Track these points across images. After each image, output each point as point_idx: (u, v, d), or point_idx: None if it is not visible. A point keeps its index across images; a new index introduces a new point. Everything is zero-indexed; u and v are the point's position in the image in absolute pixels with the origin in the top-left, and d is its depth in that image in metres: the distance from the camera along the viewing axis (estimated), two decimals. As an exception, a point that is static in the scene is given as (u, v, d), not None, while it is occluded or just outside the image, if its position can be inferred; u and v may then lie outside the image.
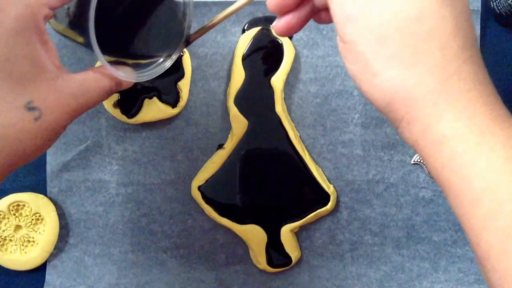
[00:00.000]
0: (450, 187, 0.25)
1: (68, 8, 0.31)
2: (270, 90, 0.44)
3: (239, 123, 0.44)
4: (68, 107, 0.29)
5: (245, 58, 0.44)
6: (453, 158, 0.24)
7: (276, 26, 0.30)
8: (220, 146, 0.45)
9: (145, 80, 0.33)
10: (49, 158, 0.45)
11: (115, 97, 0.43)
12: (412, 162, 0.46)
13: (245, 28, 0.44)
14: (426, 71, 0.24)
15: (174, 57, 0.35)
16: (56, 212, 0.44)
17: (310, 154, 0.45)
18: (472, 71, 0.25)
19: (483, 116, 0.24)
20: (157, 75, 0.34)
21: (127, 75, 0.32)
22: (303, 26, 0.31)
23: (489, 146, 0.24)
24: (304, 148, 0.45)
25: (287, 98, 0.45)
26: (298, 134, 0.45)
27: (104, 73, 0.31)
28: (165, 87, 0.44)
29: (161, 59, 0.35)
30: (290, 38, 0.45)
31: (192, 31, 0.35)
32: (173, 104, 0.44)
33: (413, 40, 0.24)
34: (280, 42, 0.44)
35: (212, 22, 0.34)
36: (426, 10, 0.24)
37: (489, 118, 0.24)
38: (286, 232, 0.44)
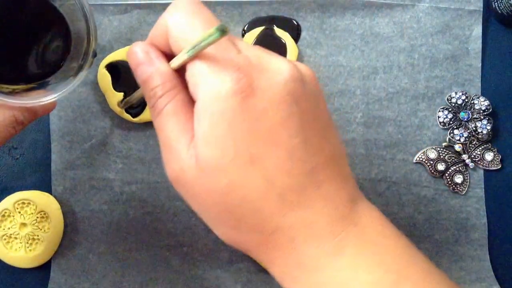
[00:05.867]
0: None
1: None
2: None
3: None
4: None
5: (248, 58, 0.44)
6: None
7: None
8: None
9: (62, 96, 0.31)
10: (54, 157, 0.45)
11: (120, 96, 0.44)
12: (414, 161, 0.46)
13: (245, 29, 0.45)
14: (248, 231, 0.25)
15: (84, 72, 0.32)
16: (61, 210, 0.45)
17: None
18: (293, 221, 0.24)
19: (310, 259, 0.25)
20: (73, 88, 0.31)
21: (31, 100, 0.29)
22: None
23: (319, 286, 0.25)
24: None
25: (290, 98, 0.45)
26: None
27: (1, 107, 0.29)
28: None
29: (73, 71, 0.32)
30: (295, 38, 0.45)
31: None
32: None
33: (227, 208, 0.24)
34: (284, 42, 0.44)
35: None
36: (234, 181, 0.24)
37: (315, 259, 0.25)
38: (289, 230, 0.45)
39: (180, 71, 0.26)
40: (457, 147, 0.46)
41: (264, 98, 0.23)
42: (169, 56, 0.26)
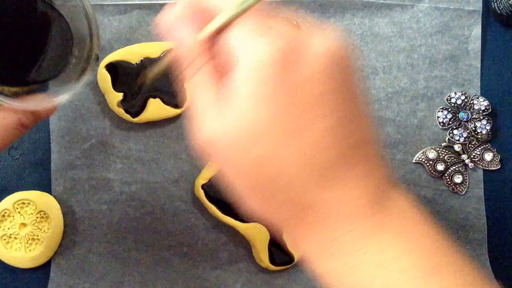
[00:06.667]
0: None
1: None
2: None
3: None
4: None
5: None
6: (322, 276, 0.25)
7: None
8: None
9: (66, 99, 0.31)
10: (53, 157, 0.45)
11: (119, 96, 0.44)
12: (413, 161, 0.46)
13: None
14: (281, 204, 0.24)
15: (87, 76, 0.32)
16: (60, 210, 0.45)
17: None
18: (329, 197, 0.24)
19: (343, 237, 0.24)
20: (75, 92, 0.31)
21: (33, 104, 0.30)
22: None
23: (350, 266, 0.24)
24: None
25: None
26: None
27: (6, 110, 0.29)
28: (171, 88, 0.44)
29: (76, 75, 0.32)
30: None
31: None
32: (179, 105, 0.44)
33: (262, 178, 0.24)
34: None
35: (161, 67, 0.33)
36: (271, 151, 0.23)
37: (349, 237, 0.24)
38: (289, 230, 0.45)
39: (210, 42, 0.25)
40: (457, 147, 0.46)
41: (307, 69, 0.22)
42: (199, 26, 0.25)
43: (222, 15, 0.23)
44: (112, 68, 0.43)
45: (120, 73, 0.44)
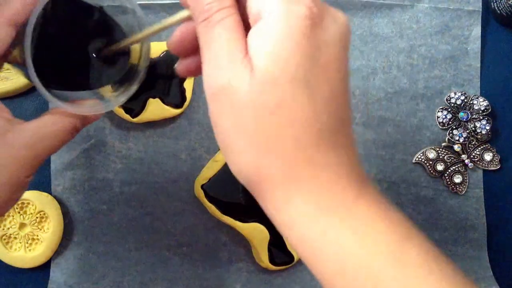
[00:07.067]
0: (308, 264, 0.26)
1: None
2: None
3: (242, 122, 0.44)
4: (23, 159, 0.29)
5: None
6: (303, 240, 0.25)
7: (178, 68, 0.29)
8: (223, 145, 0.45)
9: (115, 107, 0.32)
10: (53, 157, 0.45)
11: (119, 96, 0.44)
12: (413, 161, 0.46)
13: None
14: (278, 158, 0.25)
15: (135, 87, 0.33)
16: (60, 210, 0.45)
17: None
18: (324, 157, 0.25)
19: (330, 200, 0.25)
20: (127, 98, 0.33)
21: (87, 109, 0.31)
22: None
23: (335, 229, 0.25)
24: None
25: (289, 98, 0.45)
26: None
27: (62, 114, 0.31)
28: (171, 89, 0.44)
29: (124, 84, 0.34)
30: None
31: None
32: (179, 105, 0.44)
33: (268, 129, 0.24)
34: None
35: (142, 34, 0.33)
36: (286, 98, 0.24)
37: (336, 200, 0.25)
38: (288, 230, 0.45)
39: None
40: (456, 147, 0.46)
41: (328, 32, 0.24)
42: None
43: None
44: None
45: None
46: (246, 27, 0.25)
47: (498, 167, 0.46)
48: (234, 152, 0.26)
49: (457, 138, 0.46)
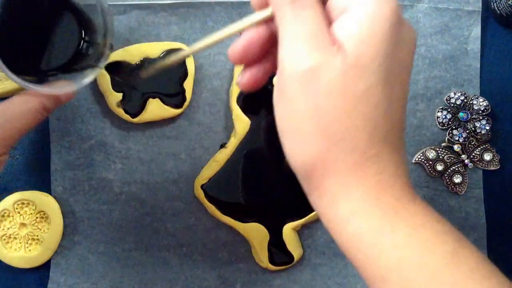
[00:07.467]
0: (357, 262, 0.26)
1: None
2: (272, 89, 0.44)
3: (241, 122, 0.44)
4: None
5: (247, 58, 0.44)
6: (358, 235, 0.25)
7: (242, 83, 0.29)
8: (223, 145, 0.45)
9: (83, 85, 0.34)
10: (53, 157, 0.45)
11: (119, 96, 0.44)
12: (413, 161, 0.46)
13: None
14: (348, 150, 0.25)
15: (102, 64, 0.35)
16: (60, 210, 0.45)
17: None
18: (389, 154, 0.25)
19: (389, 197, 0.25)
20: (92, 79, 0.34)
21: (56, 89, 0.33)
22: (267, 79, 0.30)
23: (392, 225, 0.25)
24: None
25: (289, 98, 0.45)
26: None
27: (31, 94, 0.32)
28: (171, 89, 0.44)
29: (92, 64, 0.35)
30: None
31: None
32: (179, 105, 0.44)
33: (350, 116, 0.24)
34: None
35: (165, 63, 0.35)
36: (372, 88, 0.24)
37: (394, 198, 0.25)
38: (288, 230, 0.45)
39: None
40: (456, 147, 0.46)
41: (407, 34, 0.26)
42: None
43: None
44: (112, 68, 0.43)
45: (119, 73, 0.44)
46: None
47: (498, 167, 0.46)
48: (303, 138, 0.25)
49: (456, 138, 0.46)
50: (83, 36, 0.36)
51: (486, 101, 0.46)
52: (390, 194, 0.25)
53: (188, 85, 0.44)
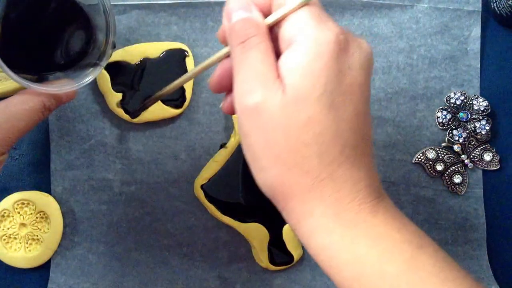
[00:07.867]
0: (325, 272, 0.28)
1: None
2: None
3: (241, 123, 0.44)
4: None
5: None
6: (322, 249, 0.27)
7: (224, 107, 0.31)
8: (223, 146, 0.45)
9: (85, 85, 0.34)
10: (53, 157, 0.45)
11: (119, 96, 0.44)
12: (413, 161, 0.46)
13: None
14: (303, 173, 0.26)
15: (104, 63, 0.36)
16: (60, 211, 0.45)
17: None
18: (345, 172, 0.26)
19: (349, 212, 0.27)
20: (93, 78, 0.35)
21: (56, 88, 0.32)
22: None
23: (352, 238, 0.26)
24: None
25: (289, 98, 0.45)
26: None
27: (31, 93, 0.32)
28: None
29: (93, 63, 0.36)
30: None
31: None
32: (179, 105, 0.44)
33: (296, 145, 0.26)
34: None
35: (165, 90, 0.36)
36: (315, 114, 0.25)
37: (354, 212, 0.27)
38: (288, 230, 0.45)
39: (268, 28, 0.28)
40: (456, 148, 0.46)
41: (353, 58, 0.27)
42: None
43: (285, 7, 0.27)
44: (112, 68, 0.43)
45: (120, 73, 0.44)
46: (276, 54, 0.27)
47: (498, 167, 0.46)
48: (262, 167, 0.27)
49: (456, 138, 0.46)
50: (85, 34, 0.36)
51: (486, 101, 0.46)
52: (349, 209, 0.27)
53: (188, 85, 0.44)
